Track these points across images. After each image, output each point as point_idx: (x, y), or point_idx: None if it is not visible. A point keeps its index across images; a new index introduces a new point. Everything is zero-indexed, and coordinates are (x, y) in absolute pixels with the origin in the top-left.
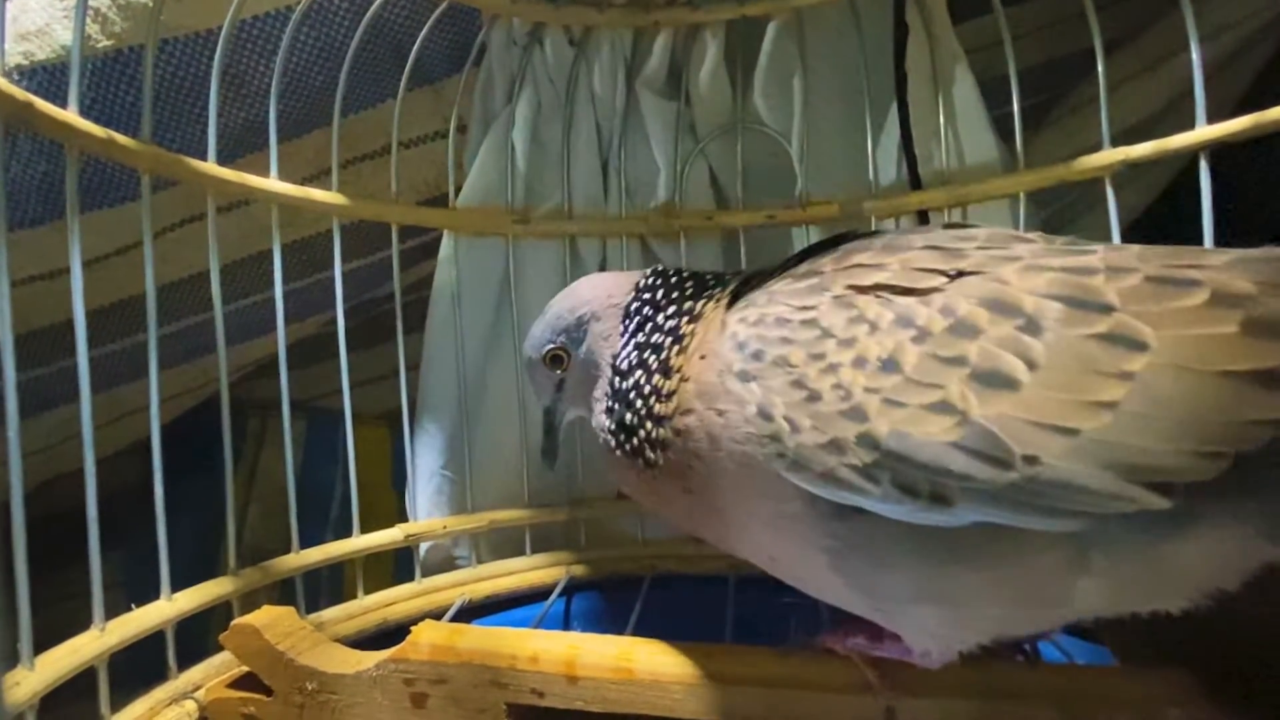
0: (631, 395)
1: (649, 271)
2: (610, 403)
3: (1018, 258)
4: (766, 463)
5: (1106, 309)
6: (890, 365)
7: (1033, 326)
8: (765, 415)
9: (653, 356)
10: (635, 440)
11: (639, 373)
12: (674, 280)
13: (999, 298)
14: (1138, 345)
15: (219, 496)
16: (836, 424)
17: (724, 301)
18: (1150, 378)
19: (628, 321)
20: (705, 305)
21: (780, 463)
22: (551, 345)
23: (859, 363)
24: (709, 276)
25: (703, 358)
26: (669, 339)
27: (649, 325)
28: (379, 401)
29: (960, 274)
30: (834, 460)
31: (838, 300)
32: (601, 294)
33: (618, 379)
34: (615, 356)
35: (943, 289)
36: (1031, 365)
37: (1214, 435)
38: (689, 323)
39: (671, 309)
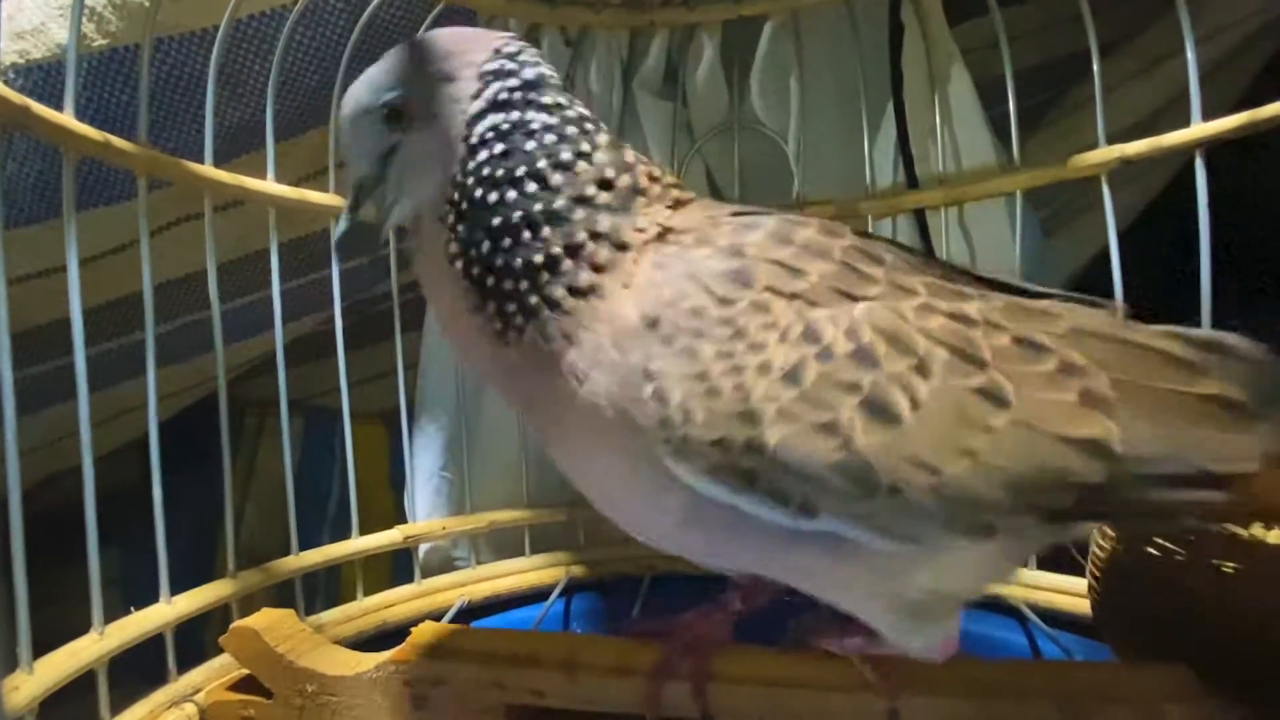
0: (495, 222)
1: (507, 36)
2: (461, 202)
3: (916, 293)
4: (644, 435)
5: (982, 364)
6: (791, 378)
7: (923, 369)
8: (661, 398)
9: (537, 197)
10: (494, 280)
11: (512, 194)
12: (535, 73)
13: (897, 333)
14: (1002, 402)
15: (215, 494)
16: (729, 424)
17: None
18: (1006, 433)
19: (484, 90)
20: (643, 198)
21: (664, 447)
22: (394, 94)
23: (763, 369)
24: (584, 112)
25: (625, 287)
26: (567, 192)
27: (518, 118)
28: (376, 400)
29: (867, 299)
30: (718, 457)
31: (756, 303)
32: (460, 49)
33: (471, 177)
34: (468, 133)
35: (849, 312)
36: (915, 405)
37: (1039, 490)
38: (619, 209)
39: (553, 133)
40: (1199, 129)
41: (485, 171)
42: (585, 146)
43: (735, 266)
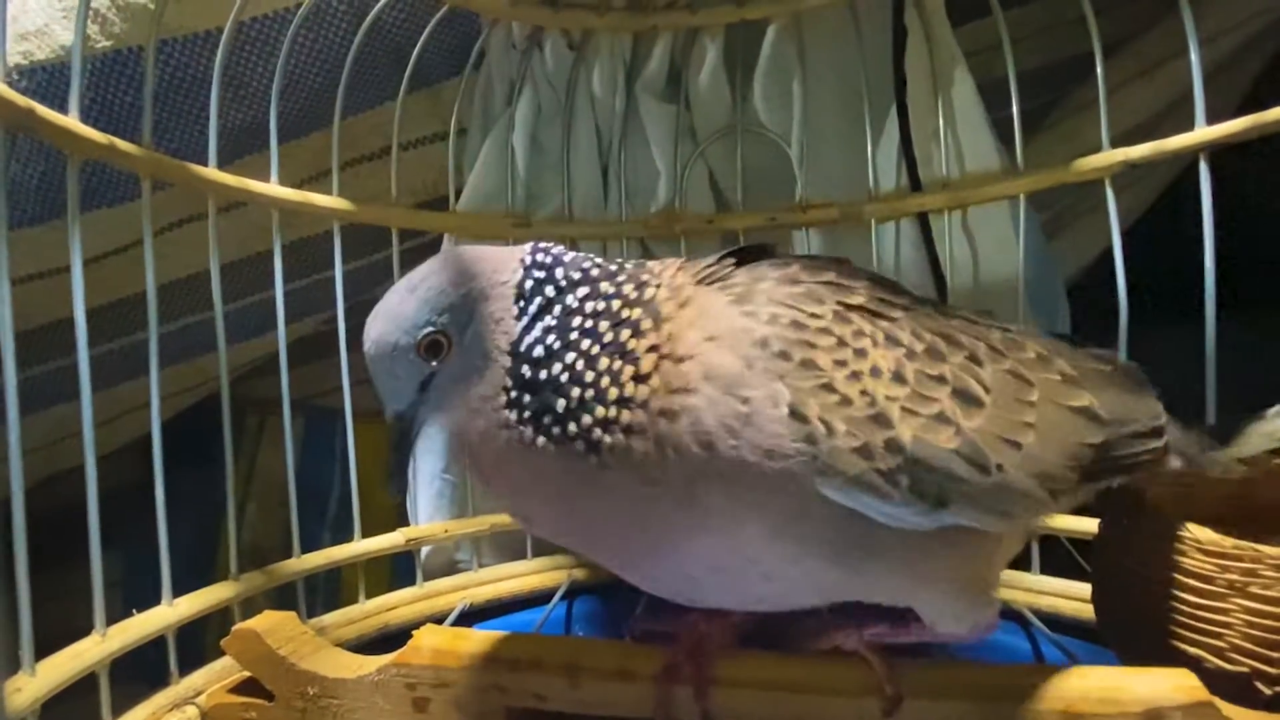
0: (564, 379)
1: (530, 247)
2: (518, 394)
3: (915, 308)
4: (788, 463)
5: (1002, 355)
6: (898, 378)
7: (975, 359)
8: (799, 416)
9: (587, 339)
10: (576, 425)
11: (571, 355)
12: (568, 259)
13: (944, 331)
14: (1029, 383)
15: (216, 494)
16: (866, 428)
17: (693, 282)
18: (1041, 408)
19: (524, 303)
20: (654, 289)
21: (808, 465)
22: (431, 329)
23: (875, 372)
24: (608, 263)
25: (710, 339)
26: (607, 320)
27: (561, 307)
28: (376, 400)
29: (898, 310)
30: (864, 464)
31: (838, 314)
32: (488, 269)
33: (527, 368)
34: (516, 344)
35: (902, 319)
36: (986, 389)
37: (1071, 454)
38: (643, 304)
39: (585, 289)
40: (1203, 132)
41: (542, 375)
42: (624, 314)
43: (799, 290)
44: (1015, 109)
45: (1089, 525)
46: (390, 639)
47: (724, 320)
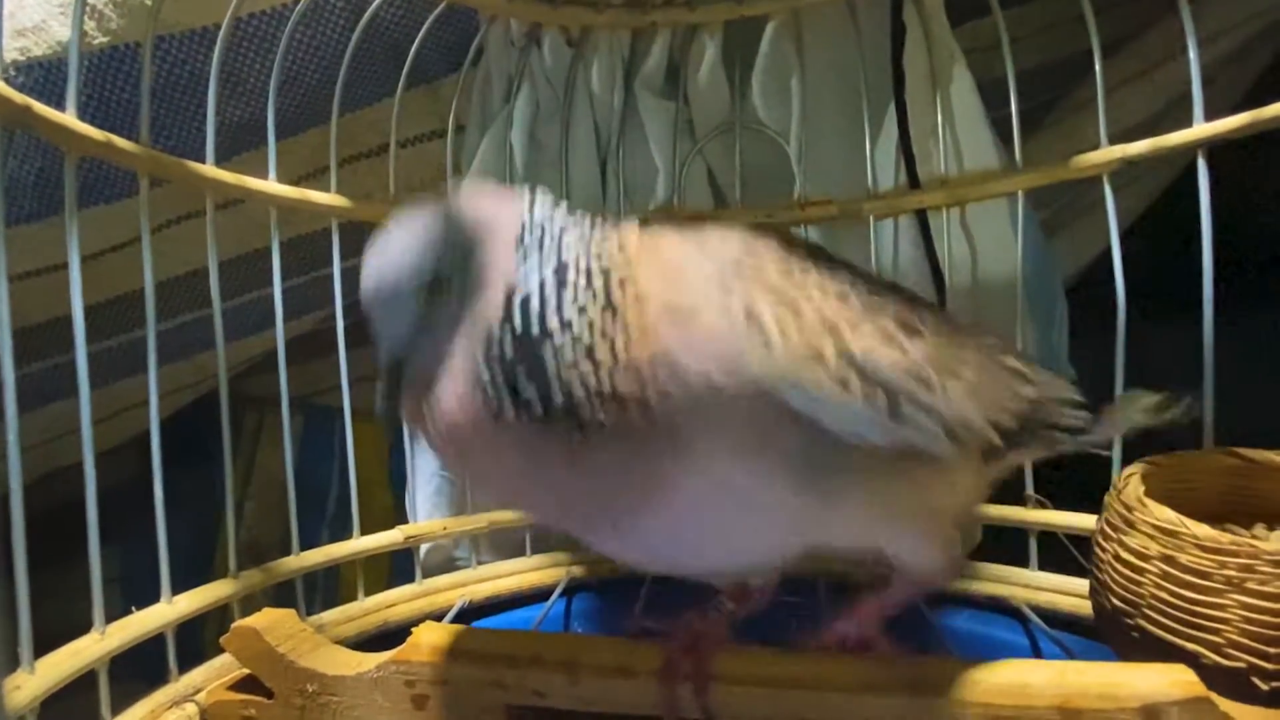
0: (565, 345)
1: (528, 195)
2: (514, 359)
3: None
4: (752, 373)
5: (934, 314)
6: (843, 299)
7: (912, 307)
8: (755, 319)
9: (586, 296)
10: (574, 397)
11: (567, 308)
12: (560, 209)
13: (882, 289)
14: (964, 336)
15: (215, 492)
16: (819, 336)
17: (635, 233)
18: (976, 356)
19: (526, 253)
20: (610, 239)
21: (771, 372)
22: (435, 272)
23: (823, 291)
24: (583, 215)
25: (663, 274)
26: (594, 273)
27: (556, 260)
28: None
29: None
30: (820, 370)
31: (781, 247)
32: (490, 213)
33: (527, 327)
34: (519, 297)
35: (843, 269)
36: (926, 327)
37: (1008, 399)
38: (611, 255)
39: (572, 235)
40: (1201, 129)
41: (534, 330)
42: (602, 264)
43: (742, 230)
44: (1014, 107)
45: (1087, 521)
46: (389, 636)
47: (675, 252)
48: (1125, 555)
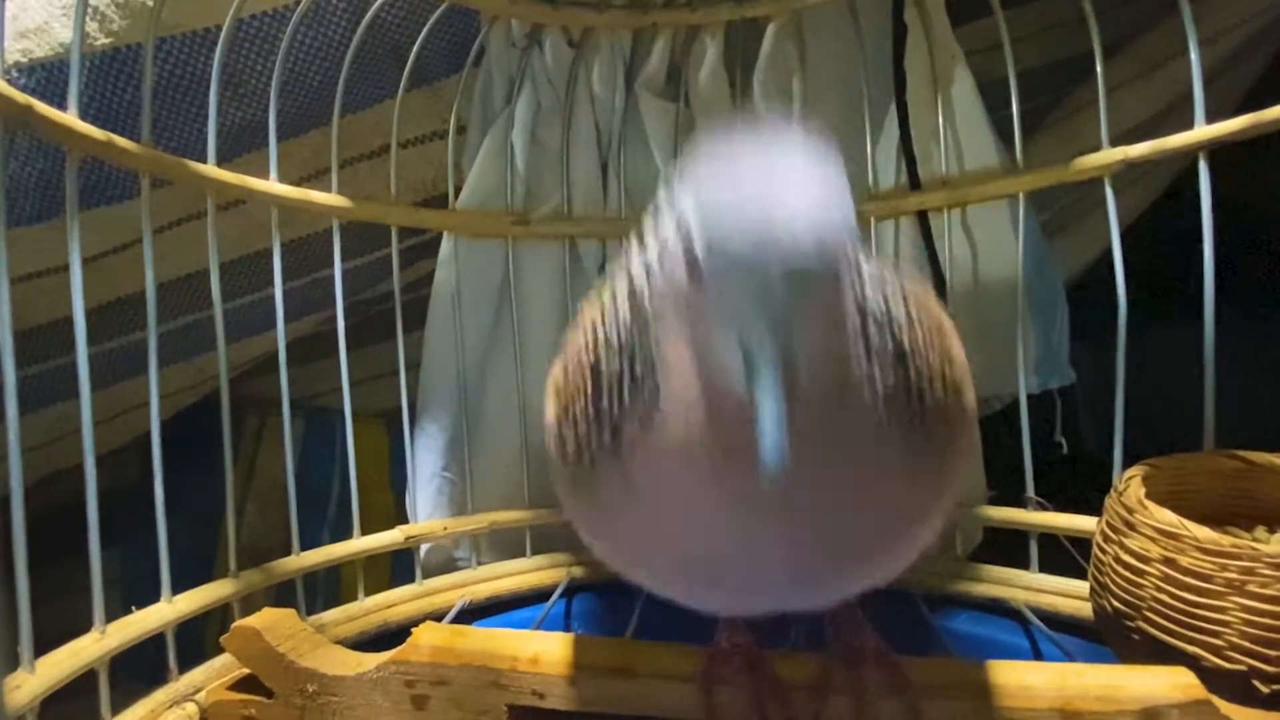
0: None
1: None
2: (891, 353)
3: None
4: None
5: None
6: None
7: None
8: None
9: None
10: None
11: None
12: None
13: None
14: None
15: (215, 493)
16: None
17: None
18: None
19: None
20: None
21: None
22: (835, 260)
23: None
24: None
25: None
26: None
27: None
28: (376, 400)
29: None
30: None
31: None
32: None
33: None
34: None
35: None
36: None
37: None
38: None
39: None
40: (1202, 131)
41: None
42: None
43: None
44: (1015, 108)
45: (1087, 523)
46: (389, 636)
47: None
48: (1126, 557)
